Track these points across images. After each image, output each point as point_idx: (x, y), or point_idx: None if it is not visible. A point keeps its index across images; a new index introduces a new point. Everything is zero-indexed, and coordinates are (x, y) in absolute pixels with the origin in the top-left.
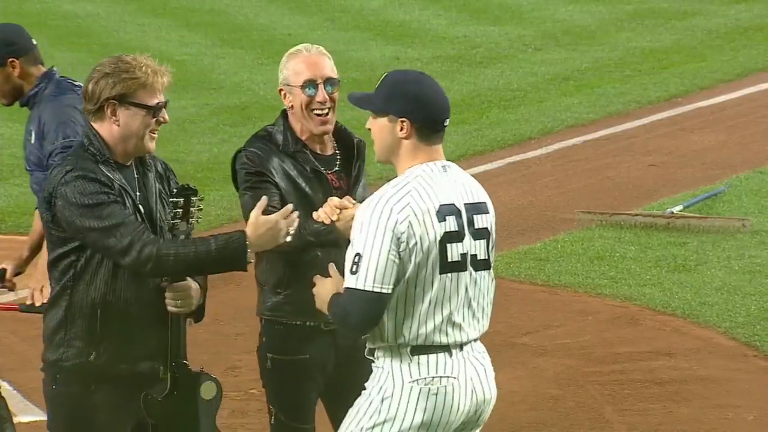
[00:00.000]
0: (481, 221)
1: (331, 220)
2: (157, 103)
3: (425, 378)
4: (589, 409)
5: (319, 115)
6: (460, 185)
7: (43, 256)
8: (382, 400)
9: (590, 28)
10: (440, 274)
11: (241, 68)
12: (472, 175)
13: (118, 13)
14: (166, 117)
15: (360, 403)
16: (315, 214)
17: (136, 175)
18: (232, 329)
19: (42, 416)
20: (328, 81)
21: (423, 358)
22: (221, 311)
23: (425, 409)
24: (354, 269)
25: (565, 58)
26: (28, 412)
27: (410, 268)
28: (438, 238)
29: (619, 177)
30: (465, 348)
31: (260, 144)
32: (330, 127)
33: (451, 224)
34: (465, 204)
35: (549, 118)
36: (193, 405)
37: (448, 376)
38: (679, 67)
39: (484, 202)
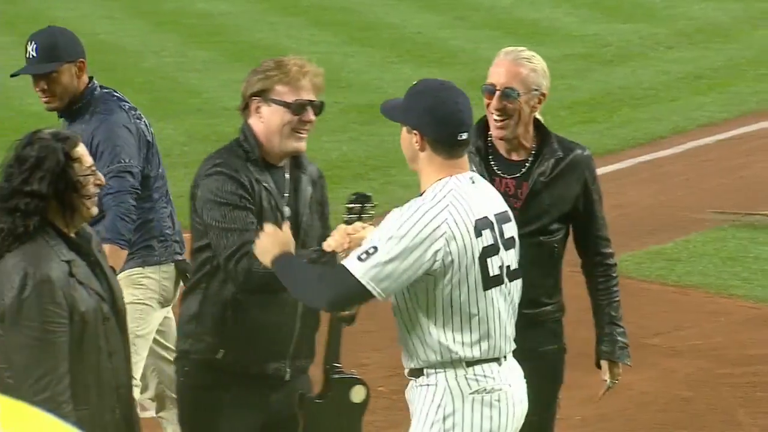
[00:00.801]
0: (508, 230)
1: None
2: (296, 100)
3: (485, 388)
4: (721, 411)
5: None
6: (489, 196)
7: None
8: (445, 419)
9: (724, 25)
10: (485, 290)
11: (371, 66)
12: (602, 175)
13: (250, 12)
14: (311, 116)
15: (419, 425)
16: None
17: (286, 176)
18: (361, 327)
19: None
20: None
21: (478, 368)
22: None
23: (491, 417)
24: (363, 257)
25: (698, 56)
26: None
27: (452, 283)
28: (477, 255)
29: (752, 177)
30: (508, 358)
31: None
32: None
33: (487, 238)
34: (495, 215)
35: (681, 117)
36: (343, 407)
37: (503, 384)
38: None
39: (507, 211)
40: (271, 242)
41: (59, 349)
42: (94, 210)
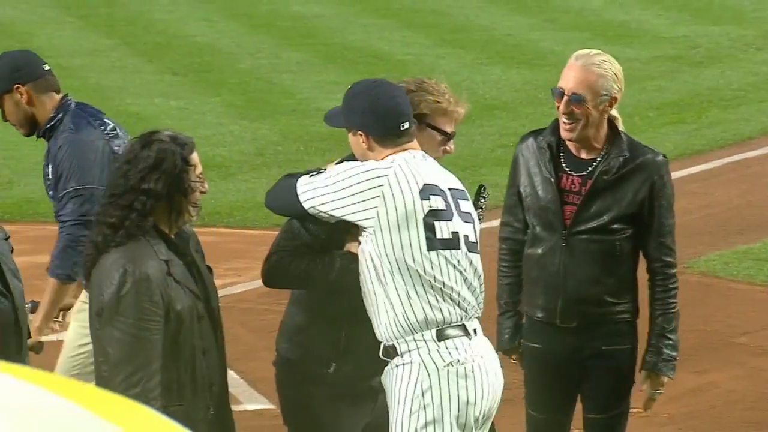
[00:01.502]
0: (465, 206)
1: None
2: (452, 132)
3: (458, 359)
4: None
5: None
6: (442, 172)
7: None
8: (423, 393)
9: None
10: (429, 250)
11: (462, 68)
12: (690, 175)
13: (343, 14)
14: (452, 147)
15: (400, 405)
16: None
17: None
18: None
19: (266, 405)
20: None
21: (449, 342)
22: None
23: (466, 387)
24: (313, 174)
25: None
26: (253, 401)
27: (388, 240)
28: (421, 215)
29: None
30: (477, 333)
31: None
32: None
33: (436, 203)
34: (449, 188)
35: None
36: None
37: (475, 356)
38: None
39: (463, 190)
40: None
41: (153, 347)
42: (196, 217)
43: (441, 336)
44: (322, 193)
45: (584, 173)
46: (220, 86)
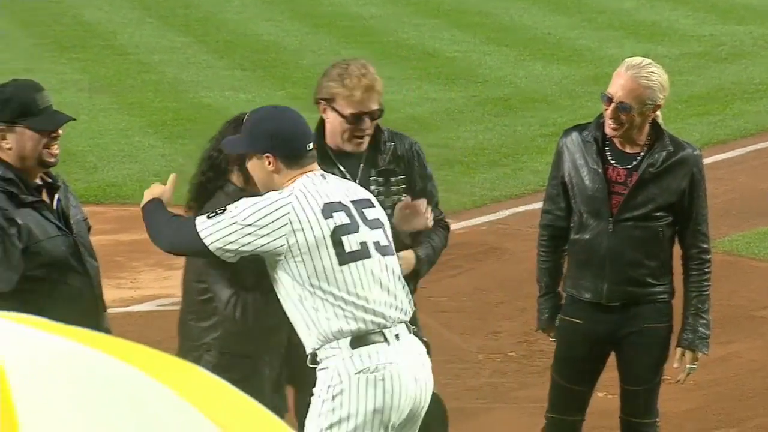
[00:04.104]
0: (371, 213)
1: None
2: (354, 114)
3: (369, 367)
4: None
5: None
6: (343, 187)
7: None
8: (333, 398)
9: None
10: (340, 265)
11: (505, 64)
12: (715, 163)
13: (397, 15)
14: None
15: (314, 406)
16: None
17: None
18: (494, 298)
19: None
20: None
21: (363, 350)
22: (484, 282)
23: (375, 395)
24: (212, 216)
25: None
26: None
27: (300, 264)
28: (328, 233)
29: None
30: (401, 337)
31: None
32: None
33: (340, 218)
34: (352, 201)
35: None
36: None
37: (390, 362)
38: None
39: (369, 198)
40: (148, 192)
41: None
42: None
43: (355, 343)
44: (228, 231)
45: (629, 166)
46: (285, 81)
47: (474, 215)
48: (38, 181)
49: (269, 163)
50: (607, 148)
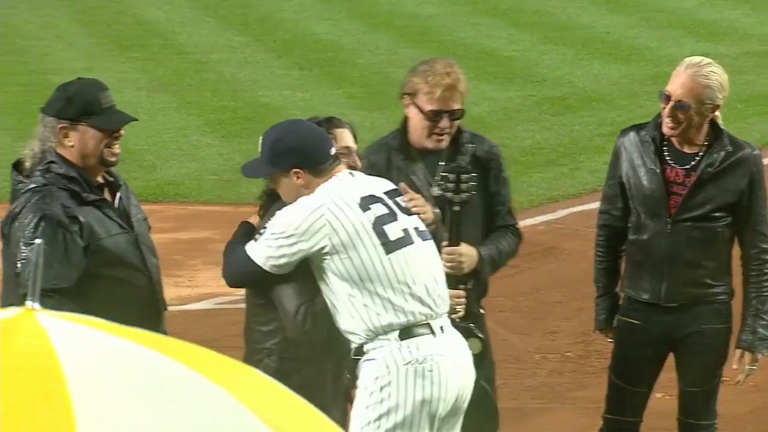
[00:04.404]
0: (404, 202)
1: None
2: (433, 111)
3: (417, 358)
4: None
5: None
6: (371, 181)
7: None
8: (381, 389)
9: None
10: (388, 253)
11: (563, 63)
12: None
13: (455, 14)
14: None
15: (360, 399)
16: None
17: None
18: (552, 298)
19: None
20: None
21: (412, 341)
22: (542, 282)
23: (423, 386)
24: (256, 238)
25: None
26: None
27: (354, 254)
28: (369, 225)
29: None
30: (445, 330)
31: None
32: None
33: (378, 209)
34: (384, 192)
35: None
36: None
37: (438, 354)
38: None
39: (396, 188)
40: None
41: None
42: None
43: (404, 335)
44: (274, 247)
45: (687, 166)
46: (343, 80)
47: (531, 215)
48: (100, 180)
49: (298, 178)
50: (665, 147)
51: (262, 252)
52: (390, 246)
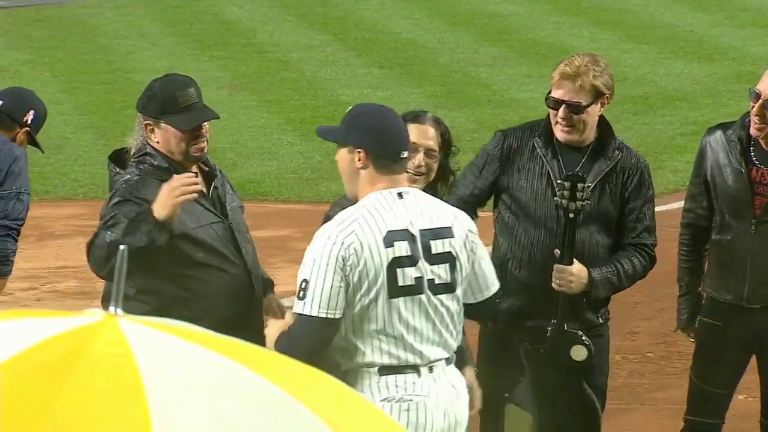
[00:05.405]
0: (440, 246)
1: None
2: (559, 99)
3: (394, 397)
4: None
5: None
6: (418, 212)
7: None
8: None
9: None
10: (390, 298)
11: (645, 62)
12: None
13: (536, 12)
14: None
15: None
16: None
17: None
18: (632, 298)
19: None
20: None
21: (391, 378)
22: None
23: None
24: (301, 295)
25: None
26: None
27: (361, 292)
28: (386, 264)
29: None
30: (435, 369)
31: None
32: None
33: (401, 249)
34: (421, 230)
35: None
36: (561, 362)
37: (418, 395)
38: None
39: (448, 227)
40: (279, 328)
41: None
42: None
43: (383, 371)
44: (317, 295)
45: None
46: (423, 78)
47: None
48: (194, 170)
49: (359, 159)
50: (752, 148)
51: (310, 308)
52: (395, 291)
